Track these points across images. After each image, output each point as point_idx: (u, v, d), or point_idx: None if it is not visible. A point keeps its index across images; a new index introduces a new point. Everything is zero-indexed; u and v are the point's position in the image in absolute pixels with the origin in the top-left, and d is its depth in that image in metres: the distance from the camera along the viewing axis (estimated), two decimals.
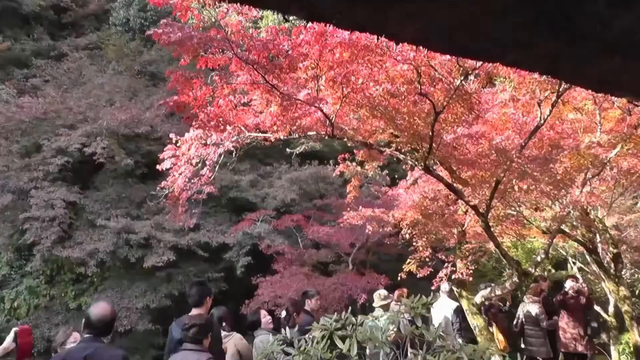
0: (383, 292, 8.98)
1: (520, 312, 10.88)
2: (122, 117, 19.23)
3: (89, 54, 25.17)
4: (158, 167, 9.78)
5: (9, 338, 5.94)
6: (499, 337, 10.85)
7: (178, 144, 9.53)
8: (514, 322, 10.99)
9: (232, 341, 7.10)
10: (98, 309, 4.88)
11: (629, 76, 2.60)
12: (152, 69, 24.63)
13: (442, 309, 10.09)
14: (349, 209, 13.74)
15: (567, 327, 10.70)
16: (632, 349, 13.84)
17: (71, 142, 18.60)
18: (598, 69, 2.47)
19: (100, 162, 18.97)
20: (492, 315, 11.23)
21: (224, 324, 7.13)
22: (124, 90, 22.24)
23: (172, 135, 9.66)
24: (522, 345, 10.73)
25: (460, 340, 7.25)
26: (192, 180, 9.79)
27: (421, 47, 7.75)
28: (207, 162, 9.41)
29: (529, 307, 10.75)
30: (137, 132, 19.71)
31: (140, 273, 18.56)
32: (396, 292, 9.45)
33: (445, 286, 10.63)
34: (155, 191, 11.07)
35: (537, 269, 16.41)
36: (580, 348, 10.54)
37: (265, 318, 7.95)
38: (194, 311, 6.36)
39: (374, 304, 8.72)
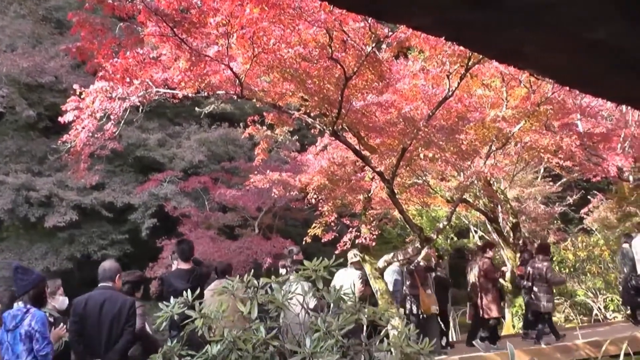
0: (355, 251, 9.68)
1: (530, 269, 11.31)
2: (24, 64, 18.17)
3: None
4: (60, 119, 9.39)
5: None
6: (424, 298, 11.20)
7: (82, 96, 9.15)
8: (524, 279, 11.44)
9: None
10: (108, 263, 6.01)
11: (531, 49, 2.63)
12: (58, 15, 23.01)
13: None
14: (256, 172, 13.67)
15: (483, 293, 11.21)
16: (522, 311, 14.59)
17: None
18: (502, 38, 2.48)
19: None
20: (419, 277, 11.53)
21: (227, 276, 7.68)
22: (26, 36, 20.79)
23: (76, 87, 9.26)
24: (533, 301, 11.30)
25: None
26: (96, 135, 9.47)
27: (332, 9, 7.72)
28: (112, 117, 9.12)
29: (538, 264, 11.22)
30: (40, 82, 18.76)
31: (40, 233, 17.90)
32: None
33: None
34: (57, 145, 10.64)
35: (440, 236, 16.98)
36: (495, 314, 11.11)
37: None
38: (184, 265, 7.37)
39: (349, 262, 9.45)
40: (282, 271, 9.16)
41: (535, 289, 11.19)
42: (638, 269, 11.99)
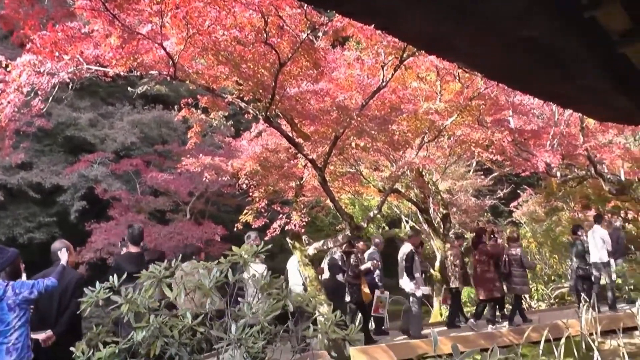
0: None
1: (505, 255, 11.84)
2: None
3: None
4: None
5: None
6: (364, 287, 11.42)
7: (8, 69, 8.83)
8: (502, 265, 11.73)
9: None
10: (57, 244, 6.48)
11: (460, 40, 2.66)
12: None
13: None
14: (189, 156, 13.49)
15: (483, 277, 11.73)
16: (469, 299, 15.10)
17: None
18: (433, 29, 2.50)
19: None
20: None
21: (194, 257, 8.18)
22: None
23: (1, 58, 8.92)
24: (512, 285, 11.87)
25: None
26: (22, 111, 9.18)
27: None
28: (40, 92, 8.83)
29: (513, 250, 11.90)
30: None
31: None
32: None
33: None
34: None
35: (372, 225, 17.15)
36: (497, 294, 11.64)
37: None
38: (134, 249, 7.51)
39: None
40: None
41: (513, 274, 11.74)
42: (589, 258, 12.70)
